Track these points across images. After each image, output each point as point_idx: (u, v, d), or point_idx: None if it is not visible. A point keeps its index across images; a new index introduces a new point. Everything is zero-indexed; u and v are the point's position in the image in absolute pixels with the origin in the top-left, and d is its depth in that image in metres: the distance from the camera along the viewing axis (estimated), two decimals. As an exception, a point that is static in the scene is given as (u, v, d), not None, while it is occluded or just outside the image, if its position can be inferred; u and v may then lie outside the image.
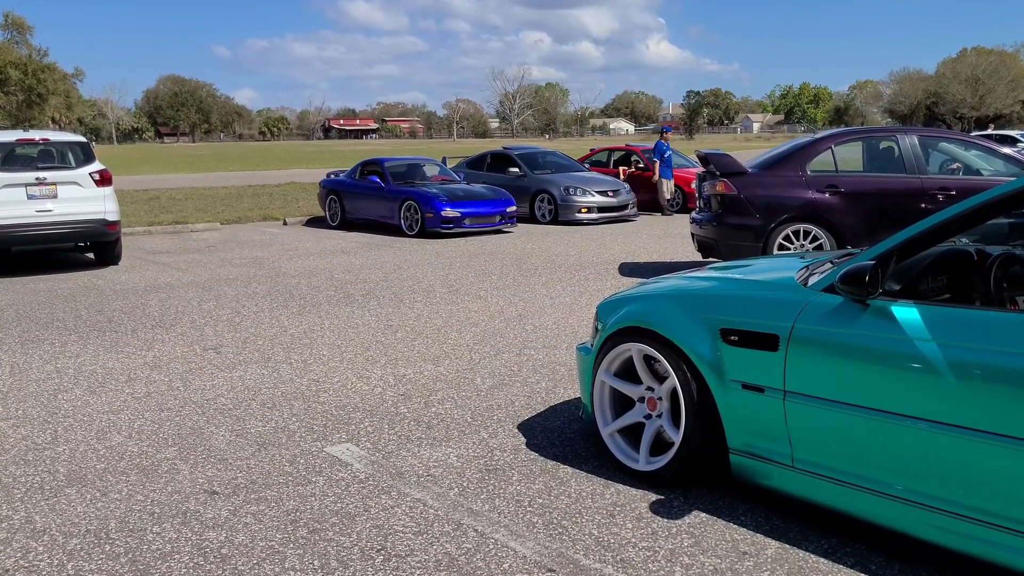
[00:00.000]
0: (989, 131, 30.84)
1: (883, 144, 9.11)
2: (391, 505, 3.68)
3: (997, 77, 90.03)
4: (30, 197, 10.00)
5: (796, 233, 8.84)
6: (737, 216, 9.03)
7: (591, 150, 21.93)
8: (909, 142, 8.65)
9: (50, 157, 10.67)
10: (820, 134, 9.72)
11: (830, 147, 9.07)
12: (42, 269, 10.82)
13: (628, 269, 10.27)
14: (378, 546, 3.30)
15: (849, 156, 9.37)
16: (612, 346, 3.99)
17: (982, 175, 8.50)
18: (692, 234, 9.68)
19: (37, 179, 10.05)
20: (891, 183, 8.66)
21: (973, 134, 29.68)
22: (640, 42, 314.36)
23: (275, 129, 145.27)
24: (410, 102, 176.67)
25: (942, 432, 2.80)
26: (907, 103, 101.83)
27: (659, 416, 3.85)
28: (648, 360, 3.89)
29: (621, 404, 4.07)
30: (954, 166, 8.89)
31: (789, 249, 8.83)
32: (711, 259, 9.35)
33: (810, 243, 8.78)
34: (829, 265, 3.56)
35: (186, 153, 70.26)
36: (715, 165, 9.41)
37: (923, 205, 8.28)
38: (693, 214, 9.74)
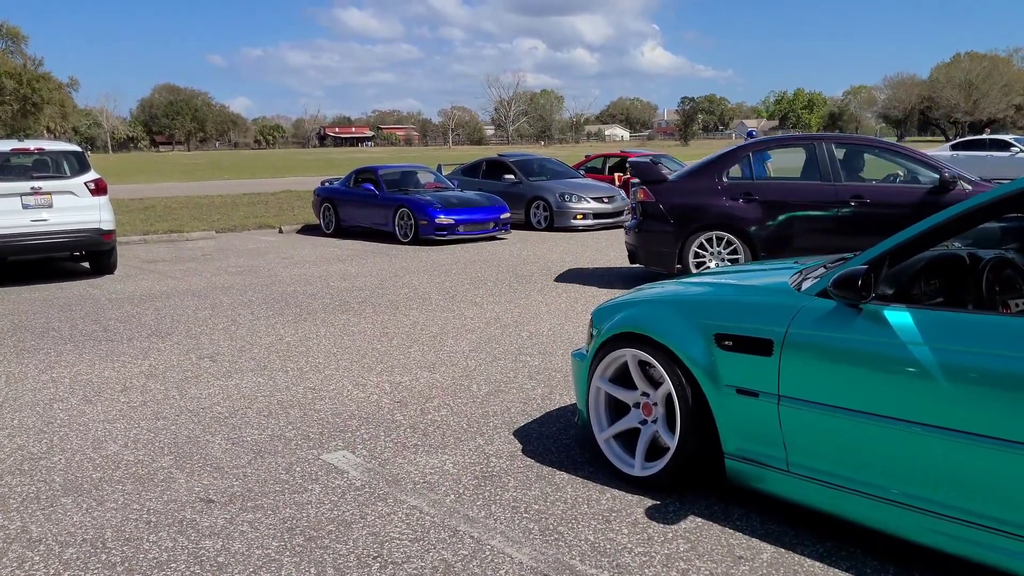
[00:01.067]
0: (984, 135, 30.90)
1: (801, 152, 9.20)
2: (387, 512, 3.68)
3: (990, 82, 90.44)
4: (25, 207, 9.99)
5: (710, 240, 8.97)
6: (655, 223, 9.20)
7: (586, 156, 21.96)
8: (827, 149, 8.69)
9: (45, 167, 10.65)
10: (744, 142, 9.86)
11: (749, 155, 9.21)
12: (38, 279, 10.81)
13: (623, 275, 10.28)
14: (374, 553, 3.30)
15: (770, 164, 9.50)
16: (607, 352, 4.00)
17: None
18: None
19: (32, 189, 10.05)
20: (804, 189, 8.74)
21: (965, 138, 29.77)
22: (635, 48, 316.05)
23: (270, 137, 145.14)
24: (405, 110, 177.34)
25: (936, 436, 2.81)
26: (901, 108, 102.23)
27: (654, 421, 3.86)
28: (643, 365, 3.90)
29: (616, 410, 4.08)
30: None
31: (704, 256, 8.99)
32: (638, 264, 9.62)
33: (725, 250, 8.90)
34: (822, 270, 3.58)
35: (181, 162, 70.23)
36: (636, 172, 9.60)
37: (836, 212, 8.38)
38: (626, 222, 9.86)
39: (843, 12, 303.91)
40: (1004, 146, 25.53)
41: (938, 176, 8.13)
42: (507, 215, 14.56)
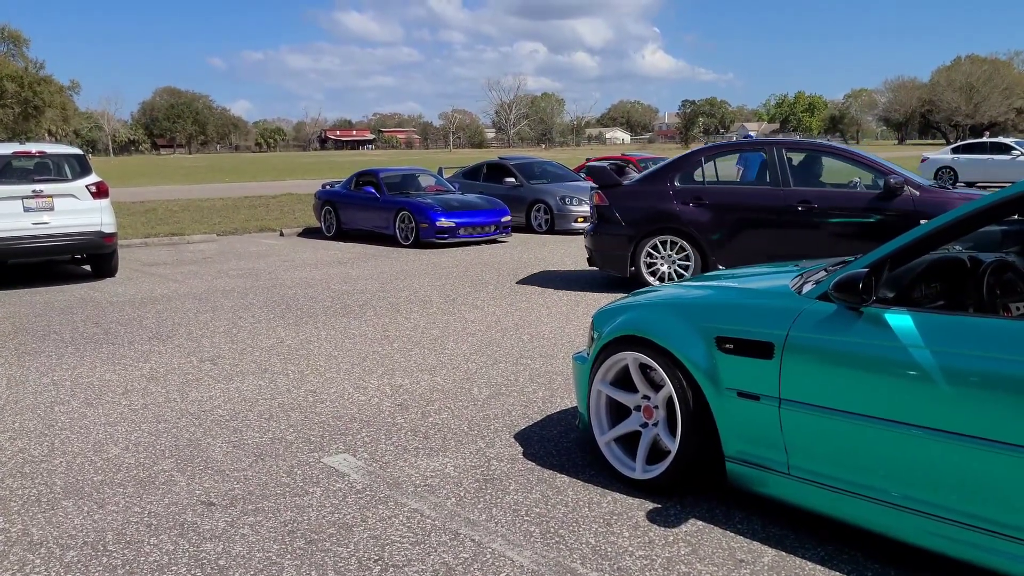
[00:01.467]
0: (984, 138, 30.92)
1: (752, 157, 9.23)
2: (388, 515, 3.68)
3: (991, 85, 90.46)
4: (27, 210, 10.01)
5: (663, 244, 9.08)
6: (609, 226, 9.34)
7: (587, 160, 21.97)
8: (777, 154, 8.73)
9: (46, 170, 10.67)
10: (699, 147, 9.99)
11: (701, 160, 9.32)
12: (39, 281, 10.82)
13: (624, 278, 10.27)
14: (375, 556, 3.30)
15: (721, 169, 9.58)
16: (608, 355, 4.00)
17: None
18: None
19: (34, 192, 10.06)
20: (751, 194, 8.85)
21: (966, 142, 29.80)
22: (635, 52, 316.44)
23: (271, 140, 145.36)
24: (406, 113, 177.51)
25: (937, 438, 2.81)
26: (902, 111, 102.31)
27: (655, 424, 3.86)
28: (644, 368, 3.90)
29: (617, 413, 4.08)
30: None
31: (657, 260, 9.09)
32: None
33: (677, 254, 9.00)
34: (823, 273, 3.58)
35: (182, 165, 70.28)
36: (592, 177, 9.75)
37: (783, 216, 8.45)
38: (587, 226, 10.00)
39: (843, 15, 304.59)
40: (1005, 149, 25.58)
41: (883, 182, 8.12)
42: (508, 218, 14.57)
